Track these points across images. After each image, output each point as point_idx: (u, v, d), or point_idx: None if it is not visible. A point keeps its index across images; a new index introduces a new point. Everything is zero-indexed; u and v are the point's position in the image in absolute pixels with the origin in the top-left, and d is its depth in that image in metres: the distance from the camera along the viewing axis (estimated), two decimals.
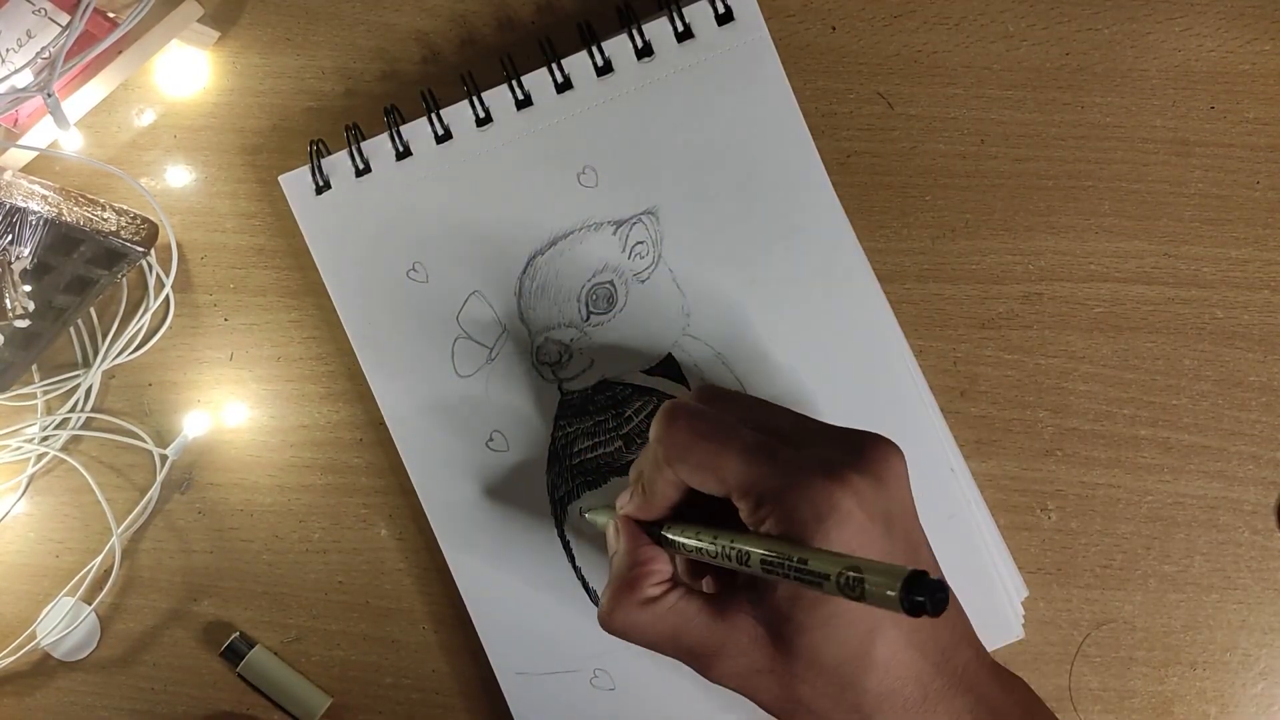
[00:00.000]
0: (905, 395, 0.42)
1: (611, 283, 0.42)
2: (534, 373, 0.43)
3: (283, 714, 0.44)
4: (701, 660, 0.34)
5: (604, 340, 0.42)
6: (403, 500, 0.45)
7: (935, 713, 0.33)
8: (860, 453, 0.33)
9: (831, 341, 0.42)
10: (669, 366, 0.42)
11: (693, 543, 0.33)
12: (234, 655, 0.44)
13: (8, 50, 0.40)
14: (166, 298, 0.45)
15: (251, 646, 0.44)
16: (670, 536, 0.34)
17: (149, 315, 0.45)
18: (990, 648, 0.35)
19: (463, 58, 0.45)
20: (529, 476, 0.43)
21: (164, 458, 0.45)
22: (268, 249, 0.45)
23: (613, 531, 0.37)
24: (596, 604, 0.43)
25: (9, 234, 0.41)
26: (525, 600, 0.43)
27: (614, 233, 0.42)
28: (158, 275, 0.45)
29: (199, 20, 0.43)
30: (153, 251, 0.44)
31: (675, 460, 0.34)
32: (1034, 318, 0.43)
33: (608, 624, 0.35)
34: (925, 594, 0.23)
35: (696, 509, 0.35)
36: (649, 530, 0.36)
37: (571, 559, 0.43)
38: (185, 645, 0.45)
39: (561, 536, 0.43)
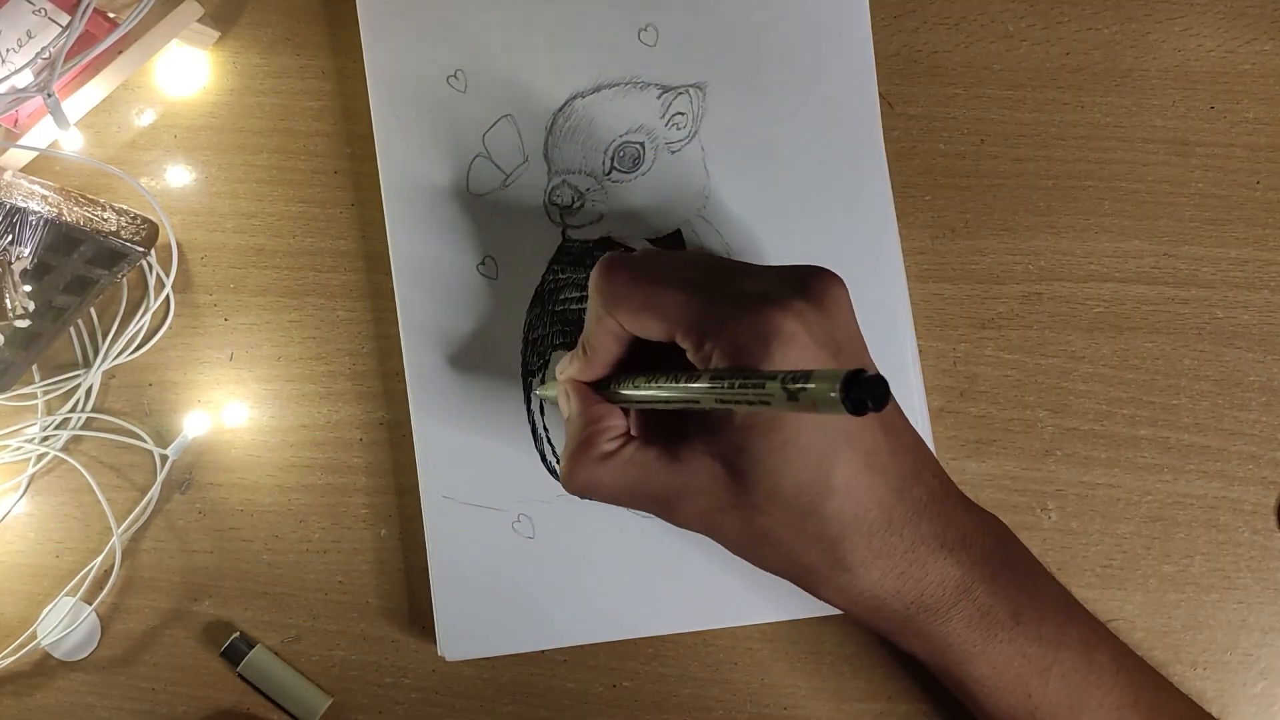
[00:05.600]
0: (897, 327, 0.42)
1: (642, 144, 0.42)
2: (542, 211, 0.43)
3: (283, 714, 0.44)
4: (664, 506, 0.34)
5: (619, 199, 0.43)
6: (403, 500, 0.45)
7: (900, 537, 0.33)
8: (801, 283, 0.32)
9: (834, 264, 0.42)
10: (674, 242, 0.42)
11: (642, 391, 0.33)
12: (234, 655, 0.44)
13: (8, 50, 0.40)
14: (166, 298, 0.45)
15: (251, 646, 0.44)
16: (620, 390, 0.34)
17: (149, 315, 0.45)
18: None
19: None
20: (508, 310, 0.43)
21: (164, 458, 0.45)
22: (268, 249, 0.45)
23: (563, 396, 0.36)
24: (540, 447, 0.43)
25: (9, 234, 0.41)
26: (470, 428, 0.43)
27: (658, 96, 0.42)
28: (158, 275, 0.45)
29: (199, 20, 0.43)
30: (153, 251, 0.44)
31: (614, 306, 0.33)
32: (1034, 318, 0.43)
33: (569, 484, 0.34)
34: (865, 390, 0.23)
35: (638, 368, 0.35)
36: (599, 390, 0.35)
37: (528, 399, 0.43)
38: (185, 645, 0.45)
39: (524, 376, 0.43)
